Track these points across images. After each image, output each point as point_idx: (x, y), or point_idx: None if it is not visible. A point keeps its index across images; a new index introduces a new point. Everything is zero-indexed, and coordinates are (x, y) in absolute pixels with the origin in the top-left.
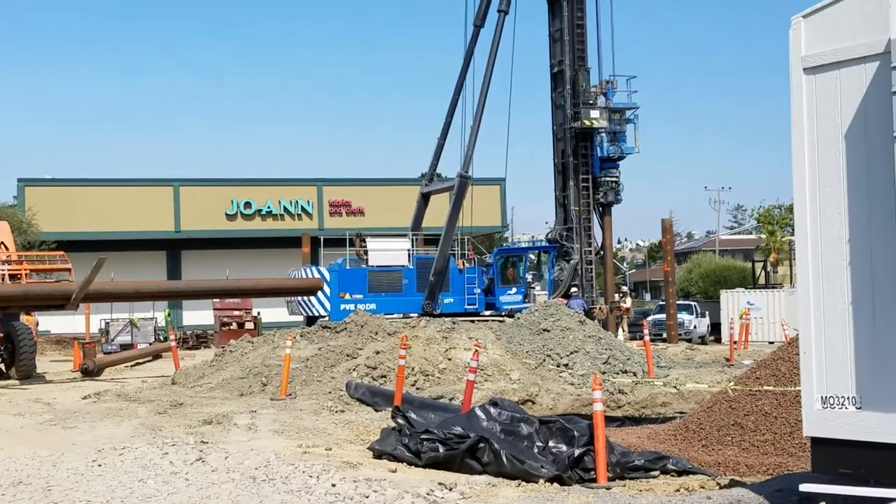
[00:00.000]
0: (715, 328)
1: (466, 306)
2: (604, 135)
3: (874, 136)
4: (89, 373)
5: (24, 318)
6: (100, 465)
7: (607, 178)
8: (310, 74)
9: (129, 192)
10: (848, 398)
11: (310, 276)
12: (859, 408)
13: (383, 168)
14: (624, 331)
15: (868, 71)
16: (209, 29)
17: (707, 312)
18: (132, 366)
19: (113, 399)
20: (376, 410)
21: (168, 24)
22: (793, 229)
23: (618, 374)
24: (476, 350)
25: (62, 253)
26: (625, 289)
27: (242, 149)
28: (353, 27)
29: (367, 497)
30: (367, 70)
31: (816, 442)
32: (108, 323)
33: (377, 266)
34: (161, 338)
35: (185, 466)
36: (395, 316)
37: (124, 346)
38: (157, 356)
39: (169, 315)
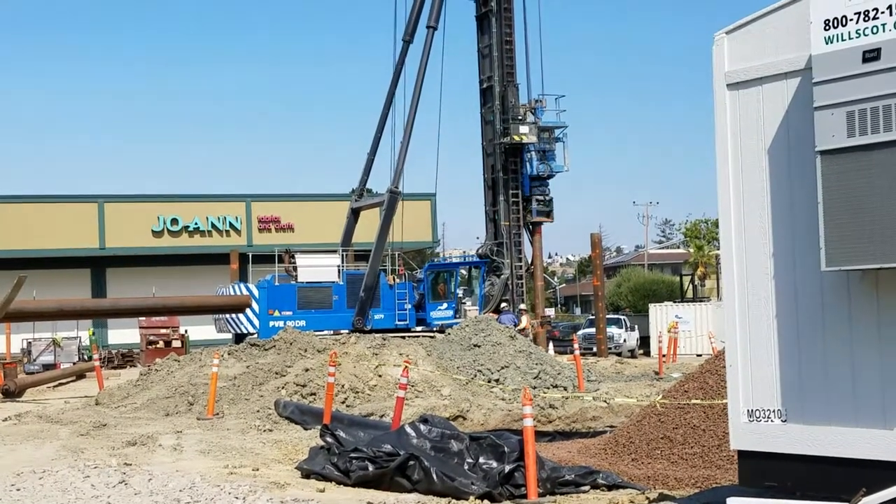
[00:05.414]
0: (644, 342)
1: (397, 322)
2: (533, 153)
3: (797, 151)
4: (10, 394)
5: None
6: (19, 490)
7: (537, 197)
8: (239, 89)
9: (52, 209)
10: (773, 411)
11: (238, 292)
12: (784, 421)
13: (313, 183)
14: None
15: (790, 86)
16: (129, 42)
17: (636, 326)
18: (55, 386)
19: (34, 421)
20: (305, 429)
21: (90, 36)
22: (719, 243)
23: (548, 388)
24: (406, 366)
25: None
26: (523, 306)
27: (169, 164)
28: (283, 40)
29: None
30: (296, 84)
31: (743, 455)
32: (30, 342)
33: (307, 282)
34: (85, 357)
35: (107, 489)
36: (325, 332)
37: (47, 366)
38: (80, 376)
39: (93, 334)
